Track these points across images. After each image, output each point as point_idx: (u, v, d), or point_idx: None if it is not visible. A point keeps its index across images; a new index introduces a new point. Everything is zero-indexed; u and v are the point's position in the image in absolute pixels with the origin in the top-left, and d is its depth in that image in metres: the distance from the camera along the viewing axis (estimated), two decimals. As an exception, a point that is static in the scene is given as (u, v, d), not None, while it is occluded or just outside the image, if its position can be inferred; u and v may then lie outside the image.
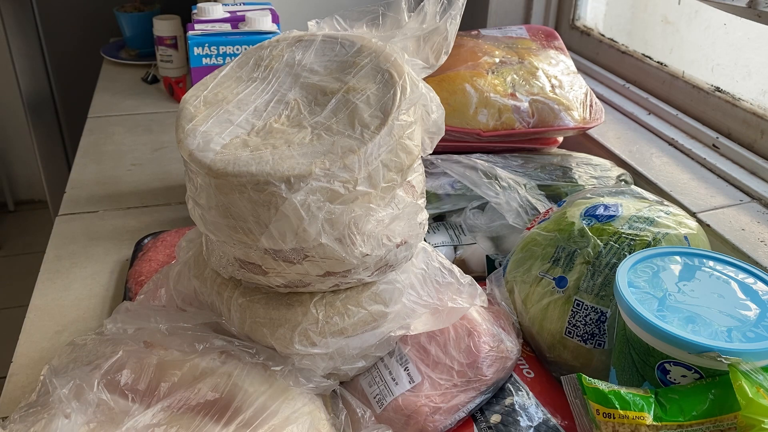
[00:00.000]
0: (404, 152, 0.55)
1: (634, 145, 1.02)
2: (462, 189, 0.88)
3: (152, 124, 1.36)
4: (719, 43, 1.01)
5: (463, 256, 0.86)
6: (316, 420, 0.56)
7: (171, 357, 0.57)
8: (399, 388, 0.61)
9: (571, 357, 0.66)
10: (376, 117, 0.54)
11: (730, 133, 0.96)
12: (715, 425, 0.49)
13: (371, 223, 0.55)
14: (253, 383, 0.56)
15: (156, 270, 0.82)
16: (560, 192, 0.89)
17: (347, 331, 0.60)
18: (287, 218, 0.52)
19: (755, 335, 0.51)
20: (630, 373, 0.56)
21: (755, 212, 0.84)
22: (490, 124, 0.93)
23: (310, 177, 0.51)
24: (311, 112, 0.56)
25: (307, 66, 0.59)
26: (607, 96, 1.16)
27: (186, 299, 0.66)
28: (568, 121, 0.94)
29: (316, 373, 0.60)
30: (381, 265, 0.58)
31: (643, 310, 0.53)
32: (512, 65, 0.98)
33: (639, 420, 0.50)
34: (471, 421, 0.61)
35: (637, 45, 1.18)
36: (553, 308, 0.67)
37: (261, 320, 0.60)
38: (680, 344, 0.51)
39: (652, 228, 0.66)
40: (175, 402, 0.54)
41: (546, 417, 0.60)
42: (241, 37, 1.15)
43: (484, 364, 0.62)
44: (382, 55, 0.57)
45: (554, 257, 0.68)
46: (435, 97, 0.60)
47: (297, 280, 0.57)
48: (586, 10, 1.31)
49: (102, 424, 0.51)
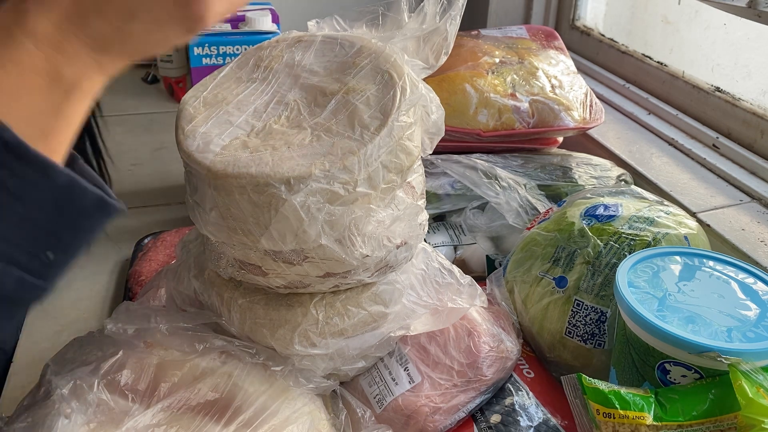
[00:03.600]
0: (404, 153, 0.55)
1: (634, 145, 1.02)
2: (462, 189, 0.88)
3: (152, 124, 1.35)
4: (719, 43, 1.01)
5: (463, 256, 0.86)
6: (316, 420, 0.56)
7: (171, 357, 0.57)
8: (399, 388, 0.61)
9: (571, 357, 0.67)
10: (376, 118, 0.54)
11: (730, 133, 0.96)
12: (715, 425, 0.49)
13: (371, 225, 0.55)
14: (253, 383, 0.56)
15: (156, 270, 0.82)
16: (560, 192, 0.89)
17: (347, 332, 0.60)
18: (287, 219, 0.52)
19: (755, 335, 0.51)
20: (630, 373, 0.56)
21: (755, 212, 0.84)
22: (490, 125, 0.93)
23: (310, 178, 0.51)
24: (311, 113, 0.56)
25: (307, 67, 0.59)
26: (607, 96, 1.16)
27: (186, 300, 0.66)
28: (568, 121, 0.94)
29: (316, 373, 0.60)
30: (381, 266, 0.58)
31: (643, 310, 0.53)
32: (512, 65, 0.98)
33: (639, 420, 0.50)
34: (471, 421, 0.61)
35: (637, 45, 1.18)
36: (553, 308, 0.67)
37: (261, 321, 0.60)
38: (680, 344, 0.51)
39: (652, 228, 0.66)
40: (175, 402, 0.54)
41: (546, 417, 0.60)
42: (241, 37, 1.15)
43: (484, 364, 0.62)
44: (381, 56, 0.57)
45: (554, 257, 0.68)
46: (435, 97, 0.59)
47: (297, 281, 0.57)
48: (586, 10, 1.31)
49: (102, 424, 0.51)
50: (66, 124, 0.39)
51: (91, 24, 0.38)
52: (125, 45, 0.40)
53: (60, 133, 0.39)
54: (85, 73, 0.39)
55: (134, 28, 0.40)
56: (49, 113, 0.38)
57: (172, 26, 0.41)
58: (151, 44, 0.41)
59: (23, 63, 0.37)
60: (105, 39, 0.39)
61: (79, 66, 0.39)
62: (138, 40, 0.41)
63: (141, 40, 0.41)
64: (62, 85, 0.38)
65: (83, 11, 0.38)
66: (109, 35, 0.39)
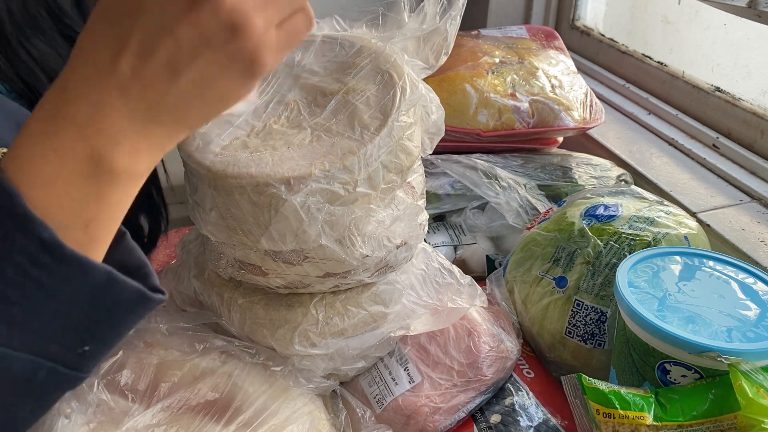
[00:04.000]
0: (404, 153, 0.55)
1: (634, 145, 1.02)
2: (462, 189, 0.88)
3: (152, 124, 1.35)
4: (719, 43, 1.01)
5: (463, 256, 0.86)
6: (316, 420, 0.56)
7: (171, 357, 0.57)
8: (399, 388, 0.61)
9: (571, 357, 0.66)
10: (376, 118, 0.54)
11: (730, 133, 0.96)
12: (715, 425, 0.49)
13: (371, 225, 0.55)
14: (253, 383, 0.56)
15: (156, 270, 0.82)
16: (560, 192, 0.89)
17: (347, 332, 0.60)
18: (287, 220, 0.52)
19: (755, 335, 0.51)
20: (630, 373, 0.56)
21: (755, 212, 0.84)
22: (490, 125, 0.93)
23: (310, 178, 0.51)
24: (311, 113, 0.56)
25: (307, 67, 0.59)
26: (607, 96, 1.16)
27: (186, 300, 0.66)
28: (568, 121, 0.94)
29: (316, 373, 0.60)
30: (381, 266, 0.58)
31: (643, 310, 0.53)
32: (512, 65, 0.98)
33: (639, 420, 0.50)
34: (471, 421, 0.61)
35: (637, 45, 1.18)
36: (553, 308, 0.67)
37: (261, 321, 0.60)
38: (680, 344, 0.51)
39: (652, 228, 0.66)
40: (175, 402, 0.54)
41: (546, 417, 0.60)
42: (241, 37, 1.15)
43: (484, 364, 0.62)
44: (381, 56, 0.57)
45: (554, 257, 0.68)
46: (435, 97, 0.60)
47: (297, 281, 0.57)
48: (586, 10, 1.31)
49: (102, 424, 0.51)
50: (110, 211, 0.36)
51: (132, 91, 0.34)
52: (177, 109, 0.36)
53: (102, 219, 0.36)
54: (131, 153, 0.35)
55: (182, 86, 0.35)
56: (90, 201, 0.35)
57: (228, 77, 0.36)
58: (208, 103, 0.37)
59: (63, 149, 0.34)
60: (150, 106, 0.35)
61: (125, 145, 0.35)
62: (192, 100, 0.36)
63: (195, 101, 0.36)
64: (104, 170, 0.35)
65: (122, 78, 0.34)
66: (154, 100, 0.35)
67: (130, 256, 0.38)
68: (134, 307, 0.37)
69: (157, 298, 0.38)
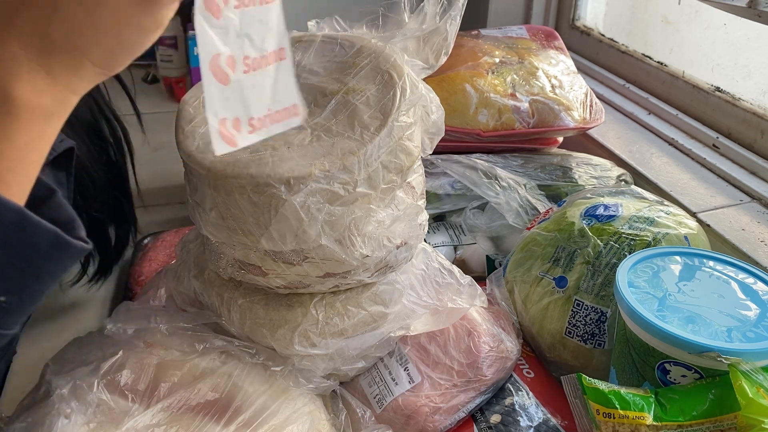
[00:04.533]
0: (404, 153, 0.55)
1: (634, 145, 1.02)
2: (462, 189, 0.88)
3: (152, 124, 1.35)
4: (719, 43, 1.01)
5: (463, 256, 0.86)
6: (316, 420, 0.56)
7: (171, 357, 0.57)
8: (399, 388, 0.61)
9: (571, 357, 0.67)
10: (376, 118, 0.54)
11: (730, 133, 0.96)
12: (715, 425, 0.49)
13: (371, 225, 0.55)
14: (253, 383, 0.56)
15: (156, 270, 0.82)
16: (560, 192, 0.89)
17: (347, 332, 0.60)
18: (287, 220, 0.52)
19: (755, 335, 0.51)
20: (630, 373, 0.56)
21: (755, 212, 0.84)
22: (490, 124, 0.93)
23: (310, 178, 0.51)
24: (311, 114, 0.56)
25: (307, 67, 0.59)
26: (607, 96, 1.16)
27: (186, 300, 0.66)
28: (568, 121, 0.94)
29: (316, 373, 0.60)
30: (381, 266, 0.58)
31: (643, 310, 0.53)
32: (512, 65, 0.98)
33: (639, 420, 0.50)
34: (471, 421, 0.61)
35: (637, 45, 1.18)
36: (553, 308, 0.67)
37: (261, 321, 0.60)
38: (680, 344, 0.51)
39: (652, 228, 0.66)
40: (175, 402, 0.54)
41: (546, 417, 0.60)
42: (241, 37, 1.15)
43: (484, 364, 0.62)
44: (381, 56, 0.57)
45: (554, 257, 0.68)
46: (435, 97, 0.60)
47: (297, 281, 0.57)
48: (586, 10, 1.31)
49: (102, 424, 0.51)
50: (17, 150, 0.33)
51: (21, 15, 0.33)
52: (70, 37, 0.34)
53: (10, 159, 0.33)
54: (30, 83, 0.33)
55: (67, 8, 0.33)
56: None
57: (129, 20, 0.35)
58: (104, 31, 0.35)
59: None
60: (40, 33, 0.33)
61: (23, 75, 0.33)
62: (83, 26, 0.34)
63: (87, 28, 0.34)
64: (3, 100, 0.33)
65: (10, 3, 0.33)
66: (42, 26, 0.33)
67: (59, 214, 0.36)
68: (52, 252, 0.35)
69: (76, 244, 0.35)
